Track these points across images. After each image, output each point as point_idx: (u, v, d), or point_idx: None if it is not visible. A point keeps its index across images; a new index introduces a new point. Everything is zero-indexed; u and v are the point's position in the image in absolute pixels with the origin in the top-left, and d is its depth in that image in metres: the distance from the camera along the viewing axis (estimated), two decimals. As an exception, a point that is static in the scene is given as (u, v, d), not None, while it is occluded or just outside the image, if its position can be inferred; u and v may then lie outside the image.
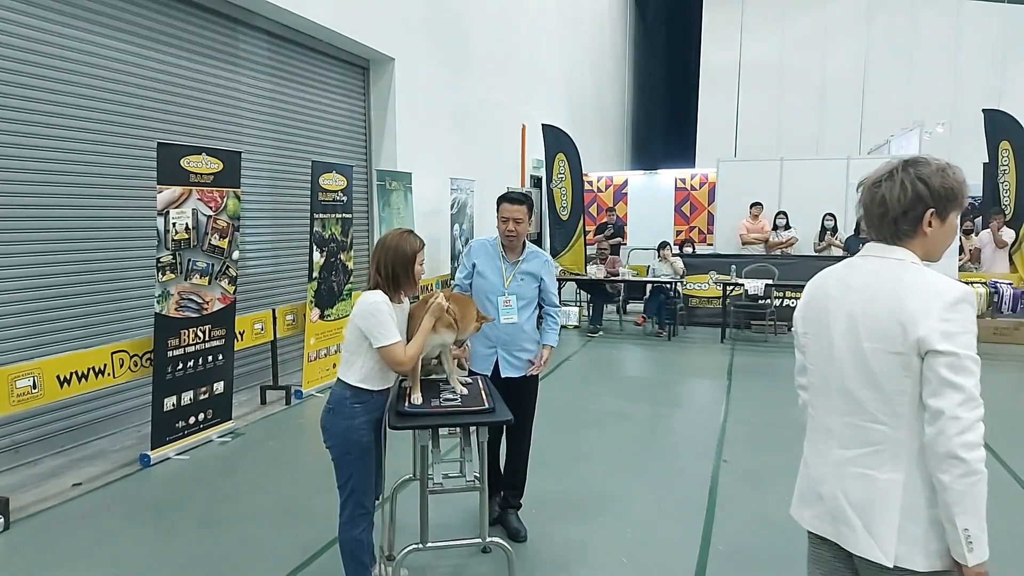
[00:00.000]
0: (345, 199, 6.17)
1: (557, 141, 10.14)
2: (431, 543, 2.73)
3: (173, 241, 4.47)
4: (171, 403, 4.55)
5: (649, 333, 9.12)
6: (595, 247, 10.00)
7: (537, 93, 13.04)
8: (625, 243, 11.53)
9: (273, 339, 5.85)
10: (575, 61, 15.75)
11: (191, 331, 4.65)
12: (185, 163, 4.52)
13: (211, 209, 4.74)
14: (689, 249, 10.41)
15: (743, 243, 10.23)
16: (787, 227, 10.08)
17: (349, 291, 6.33)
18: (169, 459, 4.48)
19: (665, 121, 24.18)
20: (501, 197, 3.35)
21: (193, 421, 4.73)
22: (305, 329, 5.98)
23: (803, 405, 1.77)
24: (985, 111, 9.86)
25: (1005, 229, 9.28)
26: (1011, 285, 8.53)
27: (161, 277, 4.42)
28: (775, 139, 18.56)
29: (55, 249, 4.53)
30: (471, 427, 2.74)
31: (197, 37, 5.64)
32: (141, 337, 4.59)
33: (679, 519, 3.63)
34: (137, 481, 4.18)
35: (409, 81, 8.26)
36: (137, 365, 4.45)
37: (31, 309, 4.39)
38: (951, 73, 17.22)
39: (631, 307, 10.16)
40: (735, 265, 8.84)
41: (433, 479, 2.67)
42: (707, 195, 12.91)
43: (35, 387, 3.82)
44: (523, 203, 3.27)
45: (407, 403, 2.66)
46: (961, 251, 9.04)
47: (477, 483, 2.70)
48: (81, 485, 4.08)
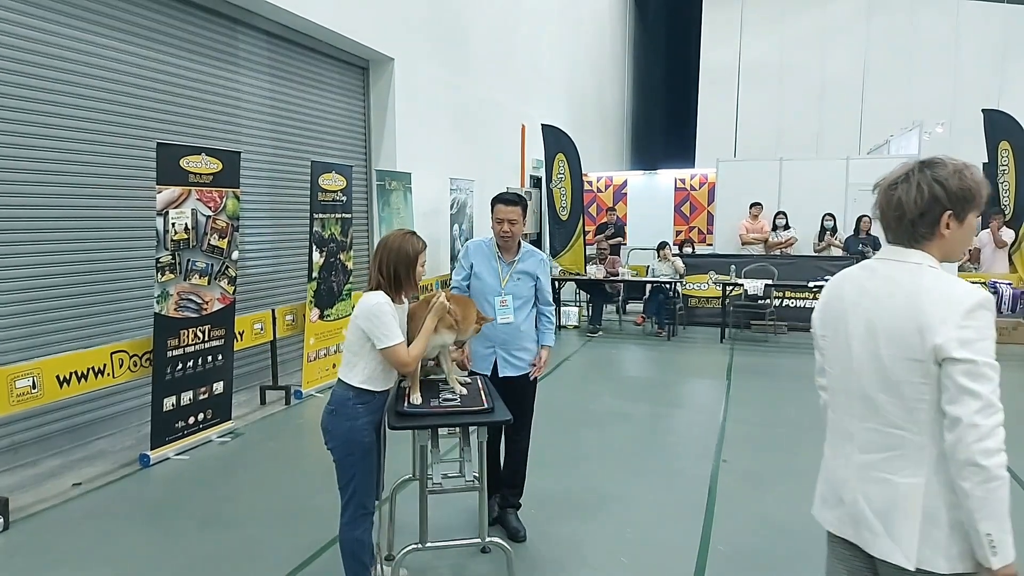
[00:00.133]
0: (344, 199, 6.18)
1: (557, 141, 10.15)
2: (430, 543, 2.73)
3: (172, 241, 4.48)
4: (171, 403, 4.55)
5: (649, 333, 9.12)
6: (595, 247, 10.00)
7: (537, 93, 13.04)
8: (625, 243, 11.54)
9: (273, 339, 5.86)
10: (575, 61, 15.75)
11: (190, 331, 4.66)
12: (184, 163, 4.52)
13: (210, 209, 4.74)
14: (689, 249, 10.41)
15: (743, 243, 10.24)
16: (786, 227, 10.08)
17: (349, 291, 6.33)
18: (169, 459, 4.48)
19: (665, 121, 24.16)
20: (495, 199, 3.36)
21: (193, 421, 4.73)
22: (305, 329, 5.98)
23: (824, 405, 1.77)
24: (985, 111, 9.86)
25: (1005, 229, 9.29)
26: (1011, 285, 8.54)
27: (160, 277, 4.42)
28: (775, 139, 18.56)
29: (54, 249, 4.53)
30: (470, 427, 2.74)
31: (196, 37, 5.64)
32: (141, 337, 4.59)
33: (679, 519, 3.63)
34: (137, 481, 4.18)
35: (409, 81, 8.26)
36: (137, 365, 4.45)
37: (31, 309, 4.39)
38: (951, 73, 17.23)
39: (631, 307, 10.16)
40: (735, 265, 8.85)
41: (432, 479, 2.68)
42: (707, 195, 12.92)
43: (35, 387, 3.82)
44: (517, 204, 3.28)
45: (406, 403, 2.66)
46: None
47: (476, 483, 2.71)
48: (81, 485, 4.08)
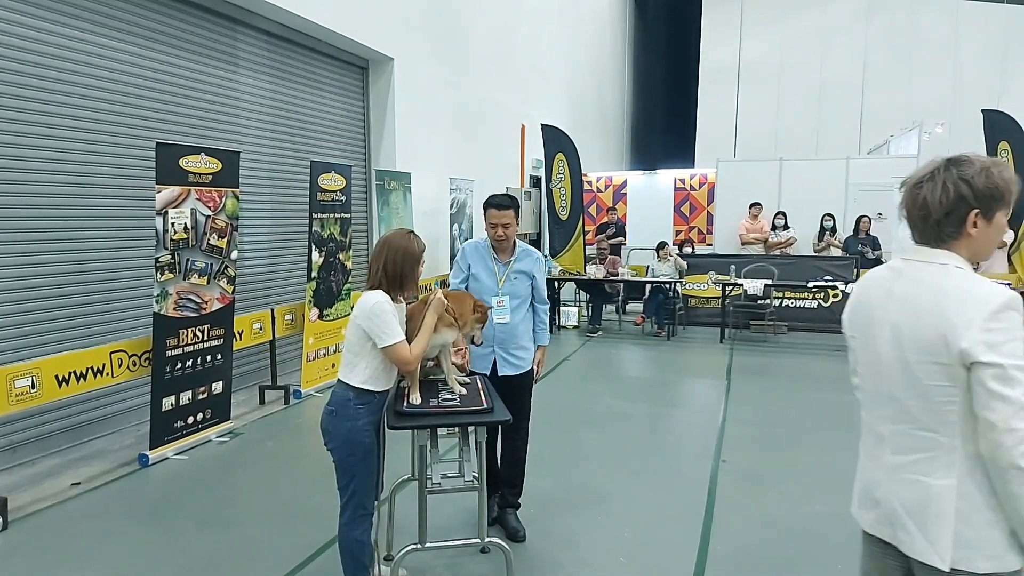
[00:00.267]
0: (344, 199, 6.17)
1: (556, 141, 10.14)
2: (430, 543, 2.72)
3: (172, 241, 4.47)
4: (170, 403, 4.55)
5: (648, 333, 9.12)
6: (595, 247, 10.00)
7: (537, 93, 13.04)
8: (625, 243, 11.54)
9: (272, 339, 5.85)
10: (575, 61, 15.75)
11: (190, 331, 4.65)
12: (184, 163, 4.51)
13: (210, 209, 4.73)
14: (688, 249, 10.41)
15: (742, 243, 10.24)
16: (786, 227, 10.09)
17: (348, 291, 6.33)
18: (168, 459, 4.47)
19: (664, 121, 24.17)
20: (487, 203, 3.35)
21: (192, 421, 4.72)
22: (304, 329, 5.98)
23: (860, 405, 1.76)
24: (984, 111, 9.85)
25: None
26: (1010, 285, 8.54)
27: (160, 277, 4.42)
28: (774, 139, 18.57)
29: (54, 249, 4.52)
30: (469, 427, 2.74)
31: (196, 37, 5.63)
32: (139, 337, 4.59)
33: (678, 519, 3.62)
34: (136, 481, 4.18)
35: (408, 81, 8.26)
36: (136, 365, 4.45)
37: (29, 309, 4.39)
38: (950, 73, 17.23)
39: (630, 307, 10.16)
40: (734, 265, 8.84)
41: (432, 479, 2.68)
42: (706, 195, 12.92)
43: (33, 387, 3.82)
44: (509, 207, 3.29)
45: (405, 403, 2.66)
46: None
47: (475, 483, 2.70)
48: (80, 485, 4.08)
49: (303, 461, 4.53)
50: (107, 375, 4.27)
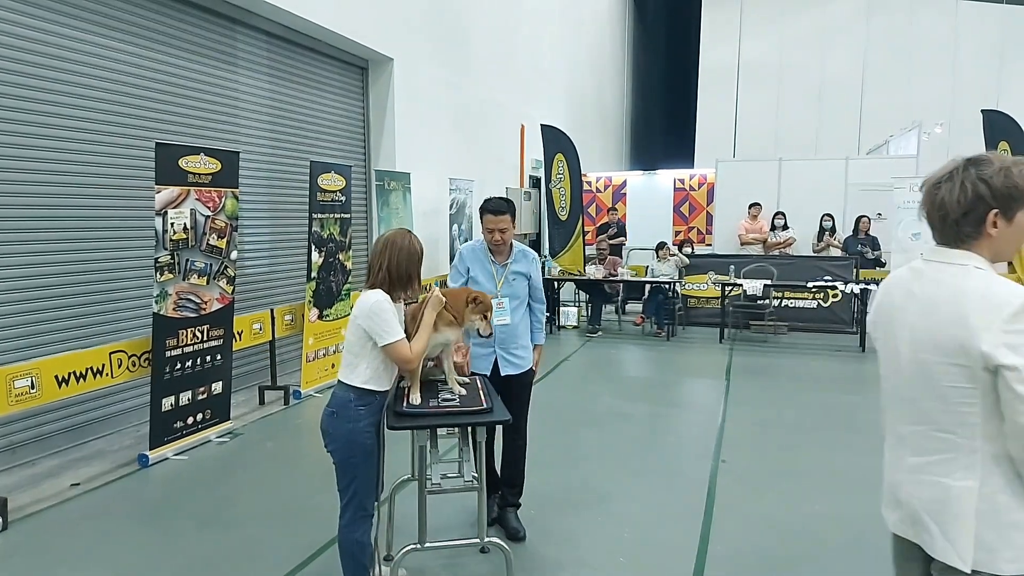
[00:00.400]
0: (344, 199, 6.17)
1: (556, 141, 10.14)
2: (429, 543, 2.72)
3: (171, 241, 4.47)
4: (169, 403, 4.54)
5: (648, 333, 9.12)
6: (595, 247, 10.00)
7: (537, 93, 13.04)
8: (626, 242, 11.54)
9: (271, 339, 5.85)
10: (575, 61, 15.75)
11: (189, 331, 4.65)
12: (183, 163, 4.51)
13: (209, 209, 4.73)
14: (688, 249, 10.41)
15: (742, 243, 10.24)
16: (785, 227, 10.09)
17: (348, 291, 6.33)
18: (167, 459, 4.47)
19: (664, 121, 24.18)
20: (483, 208, 3.35)
21: (191, 421, 4.72)
22: (304, 329, 5.98)
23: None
24: (984, 112, 9.85)
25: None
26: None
27: (159, 277, 4.42)
28: (774, 139, 18.57)
29: (53, 249, 4.52)
30: (469, 427, 2.74)
31: (195, 37, 5.63)
32: (139, 337, 4.59)
33: (678, 519, 3.62)
34: (135, 481, 4.17)
35: (408, 81, 8.26)
36: (135, 365, 4.45)
37: (29, 309, 4.39)
38: (950, 73, 17.23)
39: (630, 307, 10.16)
40: (734, 265, 8.84)
41: (431, 479, 2.67)
42: (706, 195, 12.92)
43: (33, 387, 3.81)
44: (506, 212, 3.29)
45: (404, 403, 2.66)
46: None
47: (475, 483, 2.70)
48: (79, 485, 4.08)
49: (303, 461, 4.53)
50: (107, 375, 4.27)
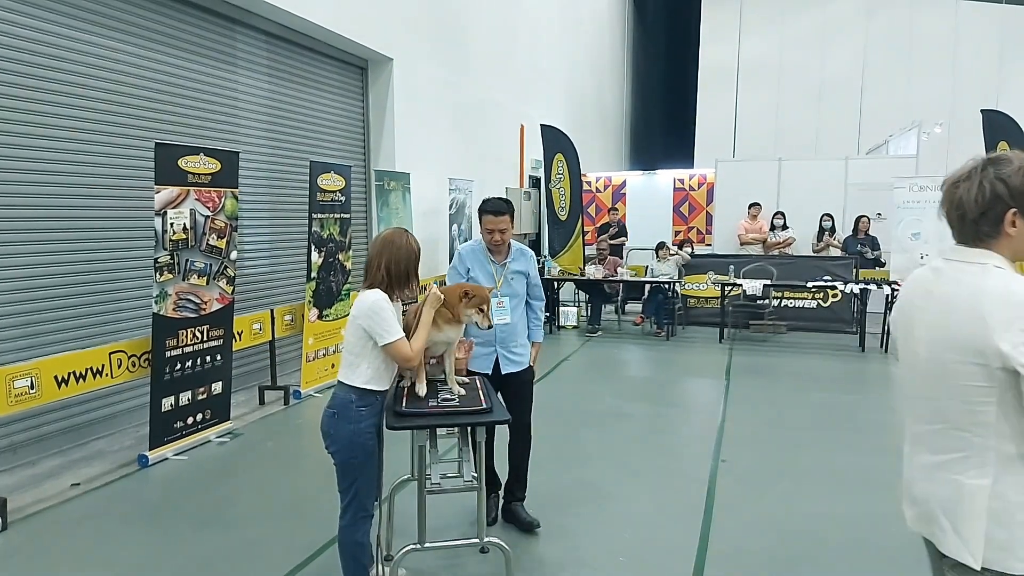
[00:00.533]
0: (343, 199, 6.17)
1: (556, 141, 10.14)
2: (429, 543, 2.72)
3: (171, 241, 4.47)
4: (169, 403, 4.54)
5: (648, 333, 9.12)
6: (595, 247, 9.99)
7: (536, 93, 13.04)
8: (627, 242, 11.54)
9: (271, 339, 5.85)
10: (574, 61, 15.75)
11: (189, 331, 4.65)
12: (183, 163, 4.51)
13: (209, 209, 4.73)
14: (687, 250, 10.41)
15: (741, 243, 10.25)
16: (784, 227, 10.09)
17: (347, 291, 6.33)
18: (167, 460, 4.47)
19: (664, 121, 24.17)
20: (482, 209, 3.37)
21: (191, 421, 4.72)
22: (303, 329, 5.98)
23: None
24: (983, 112, 9.86)
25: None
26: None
27: (159, 277, 4.42)
28: (773, 139, 18.57)
29: (52, 249, 4.52)
30: (469, 427, 2.74)
31: (195, 37, 5.63)
32: (139, 337, 4.58)
33: (678, 519, 3.63)
34: (135, 482, 4.17)
35: (408, 81, 8.26)
36: (135, 365, 4.44)
37: (29, 309, 4.38)
38: (949, 73, 17.24)
39: (630, 307, 10.16)
40: (733, 265, 8.84)
41: (431, 479, 2.67)
42: (705, 195, 12.92)
43: (33, 387, 3.81)
44: (505, 213, 3.32)
45: (403, 403, 2.66)
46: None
47: (475, 483, 2.70)
48: (79, 486, 4.08)
49: (303, 462, 4.53)
50: (106, 376, 4.27)
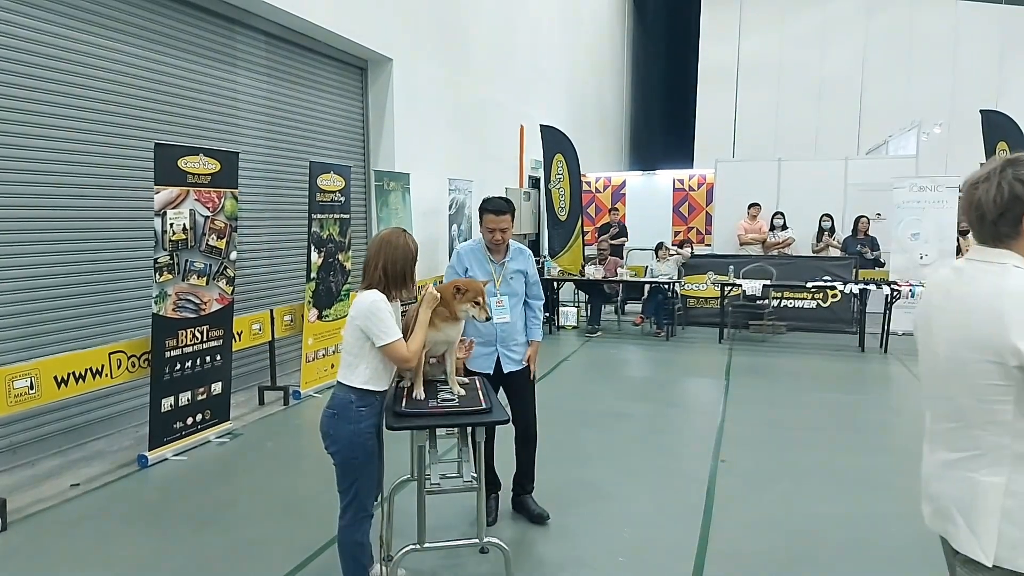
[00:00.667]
0: (343, 199, 6.17)
1: (555, 142, 10.14)
2: (429, 543, 2.73)
3: (171, 242, 4.47)
4: (169, 404, 4.54)
5: (647, 333, 9.12)
6: (596, 247, 9.99)
7: (536, 93, 13.04)
8: (627, 242, 11.54)
9: (271, 339, 5.85)
10: (574, 61, 15.76)
11: (189, 332, 4.65)
12: (182, 164, 4.51)
13: (208, 210, 4.73)
14: (687, 250, 10.41)
15: (741, 243, 10.25)
16: (784, 227, 10.09)
17: (347, 291, 6.33)
18: (167, 460, 4.47)
19: (663, 121, 24.19)
20: (484, 207, 3.38)
21: (191, 422, 4.72)
22: (303, 329, 5.98)
23: None
24: (983, 112, 9.87)
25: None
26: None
27: (159, 278, 4.42)
28: (773, 139, 18.58)
29: (52, 250, 4.52)
30: (468, 427, 2.74)
31: (194, 37, 5.63)
32: (139, 338, 4.58)
33: (677, 519, 3.63)
34: (135, 482, 4.17)
35: (407, 81, 8.26)
36: (135, 366, 4.44)
37: (28, 310, 4.38)
38: (949, 73, 17.25)
39: (629, 307, 10.16)
40: (733, 265, 8.84)
41: (431, 479, 2.67)
42: (705, 196, 12.93)
43: (32, 388, 3.81)
44: (506, 212, 3.35)
45: (404, 403, 2.66)
46: (959, 252, 9.05)
47: (474, 483, 2.70)
48: (79, 486, 4.08)
49: (302, 462, 4.53)
50: (106, 376, 4.27)
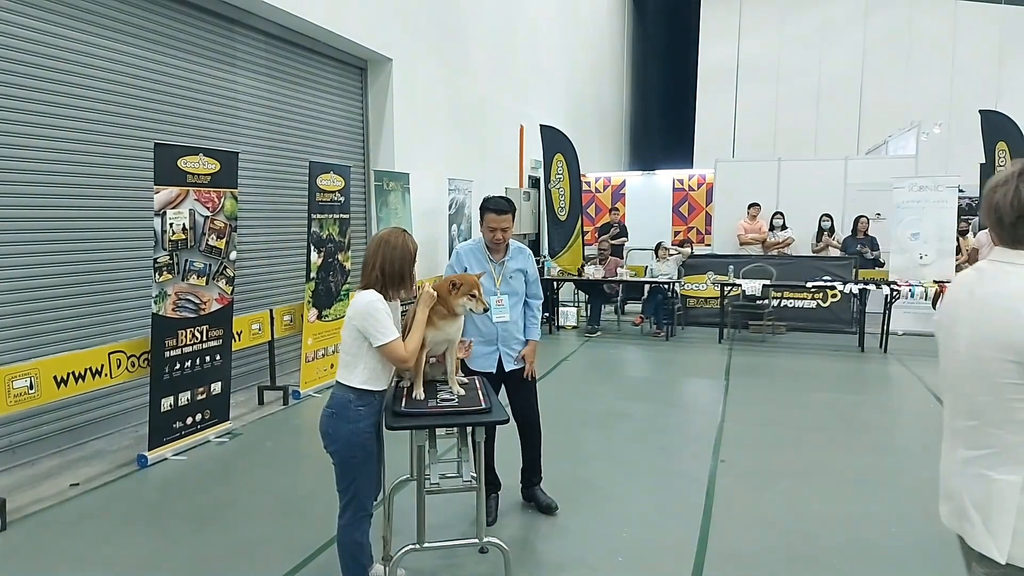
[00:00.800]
0: (343, 199, 6.17)
1: (555, 142, 10.14)
2: (428, 543, 2.73)
3: (170, 241, 4.47)
4: (168, 404, 4.54)
5: (647, 333, 9.12)
6: (596, 247, 9.99)
7: (536, 93, 13.04)
8: (627, 243, 11.55)
9: (271, 339, 5.85)
10: (574, 61, 15.76)
11: (188, 331, 4.65)
12: (182, 164, 4.51)
13: (208, 209, 4.73)
14: (687, 250, 10.42)
15: (741, 243, 10.25)
16: (784, 227, 10.09)
17: (347, 291, 6.33)
18: (166, 460, 4.47)
19: (663, 121, 24.19)
20: (485, 207, 3.39)
21: (191, 422, 4.72)
22: (303, 329, 5.98)
23: None
24: (982, 112, 9.87)
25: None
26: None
27: (158, 277, 4.42)
28: (773, 139, 18.59)
29: (52, 249, 4.52)
30: (468, 427, 2.74)
31: (193, 37, 5.63)
32: (138, 337, 4.58)
33: (677, 519, 3.63)
34: (134, 482, 4.17)
35: (407, 81, 8.26)
36: (134, 365, 4.44)
37: (28, 309, 4.39)
38: (949, 73, 17.26)
39: (629, 307, 10.16)
40: (733, 265, 8.85)
41: (430, 479, 2.68)
42: (705, 196, 12.93)
43: (32, 387, 3.81)
44: (508, 212, 3.37)
45: (403, 403, 2.66)
46: (958, 252, 9.06)
47: (474, 483, 2.70)
48: (78, 486, 4.08)
49: (302, 461, 4.53)
50: (106, 376, 4.27)
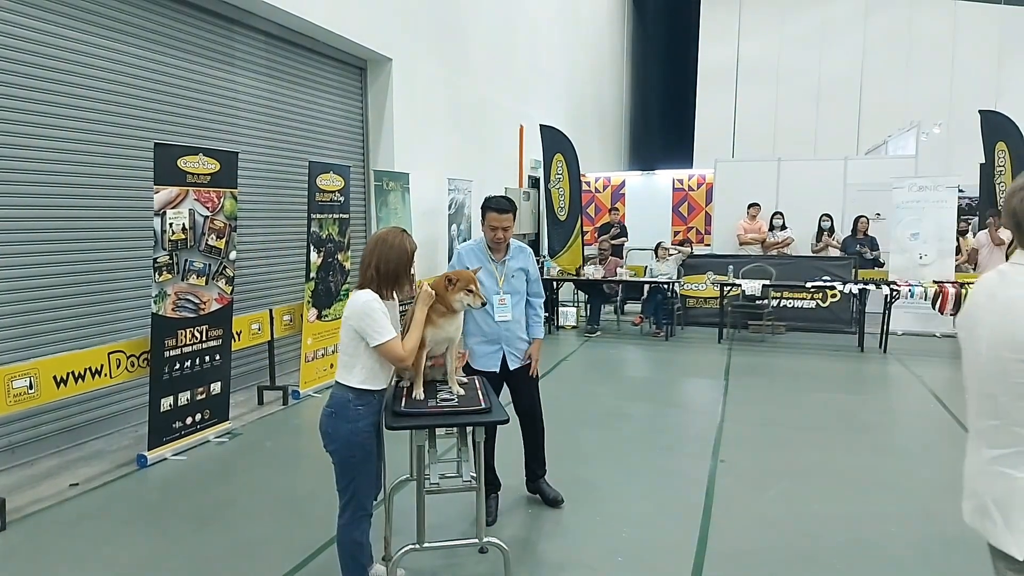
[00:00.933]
0: (342, 199, 6.17)
1: (555, 141, 10.14)
2: (428, 543, 2.73)
3: (170, 241, 4.47)
4: (168, 403, 4.54)
5: (647, 333, 9.12)
6: (595, 247, 9.99)
7: (536, 93, 13.04)
8: (627, 242, 11.55)
9: (270, 339, 5.85)
10: (574, 61, 15.76)
11: (188, 331, 4.65)
12: (182, 163, 4.51)
13: (208, 209, 4.73)
14: (687, 250, 10.41)
15: (740, 243, 10.25)
16: (783, 227, 10.09)
17: (346, 291, 6.33)
18: (166, 460, 4.47)
19: (663, 121, 24.20)
20: (486, 206, 3.42)
21: (190, 422, 4.72)
22: (302, 329, 5.98)
23: None
24: (981, 112, 9.86)
25: (1003, 229, 9.30)
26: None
27: (158, 277, 4.42)
28: (772, 139, 18.59)
29: (52, 249, 4.52)
30: (468, 427, 2.74)
31: (193, 37, 5.63)
32: (138, 337, 4.58)
33: (676, 519, 3.63)
34: (134, 482, 4.17)
35: (407, 81, 8.26)
36: (134, 365, 4.44)
37: (28, 309, 4.38)
38: (948, 73, 17.26)
39: (629, 307, 10.16)
40: (732, 265, 8.84)
41: (430, 479, 2.68)
42: (704, 196, 12.93)
43: (31, 387, 3.81)
44: (509, 211, 3.40)
45: (402, 403, 2.66)
46: (958, 252, 9.07)
47: (474, 483, 2.70)
48: (78, 486, 4.08)
49: (302, 461, 4.53)
50: (105, 376, 4.26)
